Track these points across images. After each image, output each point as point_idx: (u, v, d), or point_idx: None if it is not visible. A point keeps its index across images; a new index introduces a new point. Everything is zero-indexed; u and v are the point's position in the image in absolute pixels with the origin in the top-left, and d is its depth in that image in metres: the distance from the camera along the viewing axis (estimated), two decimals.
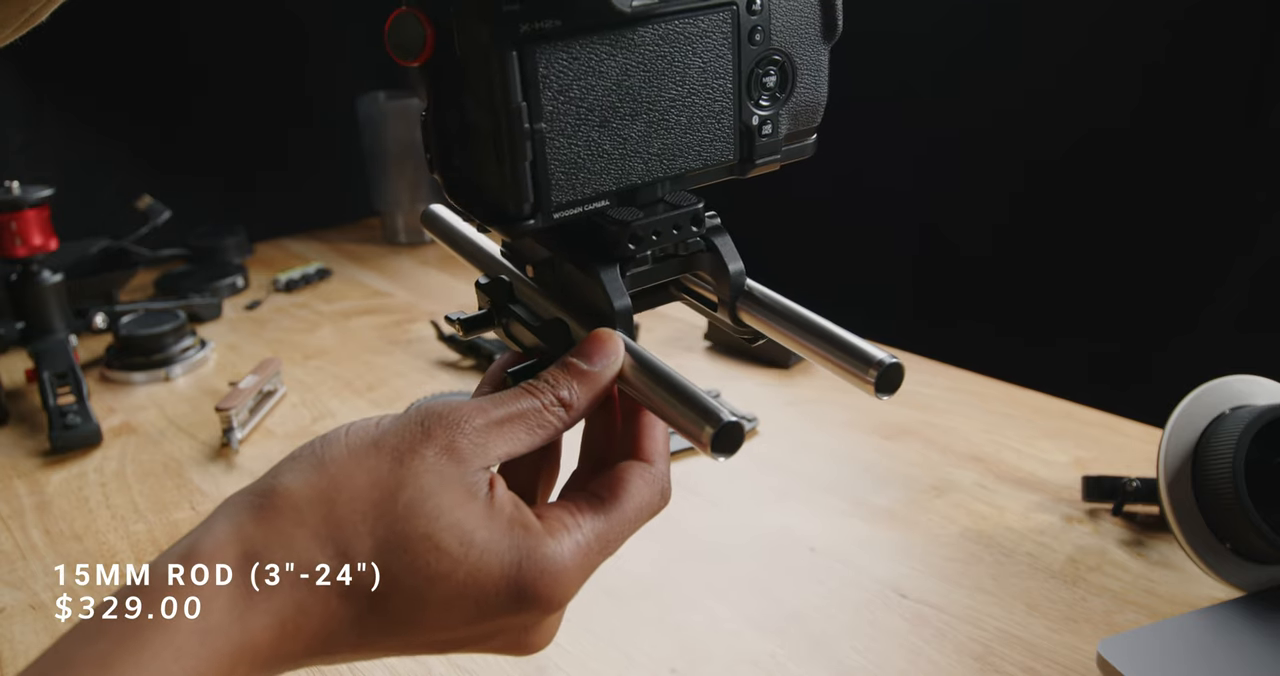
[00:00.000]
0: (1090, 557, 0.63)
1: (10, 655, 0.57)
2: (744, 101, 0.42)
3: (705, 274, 0.45)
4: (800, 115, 0.44)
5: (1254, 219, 0.94)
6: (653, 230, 0.41)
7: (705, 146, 0.42)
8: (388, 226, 1.42)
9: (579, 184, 0.39)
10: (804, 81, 0.43)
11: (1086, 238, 1.06)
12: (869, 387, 0.39)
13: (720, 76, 0.41)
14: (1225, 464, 0.56)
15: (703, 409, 0.36)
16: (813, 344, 0.43)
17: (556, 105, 0.37)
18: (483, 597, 0.32)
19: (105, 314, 0.99)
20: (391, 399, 0.90)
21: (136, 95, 1.27)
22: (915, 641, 0.56)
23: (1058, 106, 1.05)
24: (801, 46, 0.43)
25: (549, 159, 0.38)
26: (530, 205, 0.38)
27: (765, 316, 0.44)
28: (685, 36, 0.39)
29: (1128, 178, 1.02)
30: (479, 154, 0.38)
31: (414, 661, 0.55)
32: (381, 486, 0.32)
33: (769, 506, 0.70)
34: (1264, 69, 0.91)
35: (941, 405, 0.86)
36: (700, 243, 0.44)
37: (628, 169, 0.40)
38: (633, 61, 0.38)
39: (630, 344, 0.40)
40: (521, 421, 0.36)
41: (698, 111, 0.41)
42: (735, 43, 0.41)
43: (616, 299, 0.41)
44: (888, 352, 0.39)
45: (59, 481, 0.77)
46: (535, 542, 0.33)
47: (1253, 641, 0.53)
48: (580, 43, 0.37)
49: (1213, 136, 0.96)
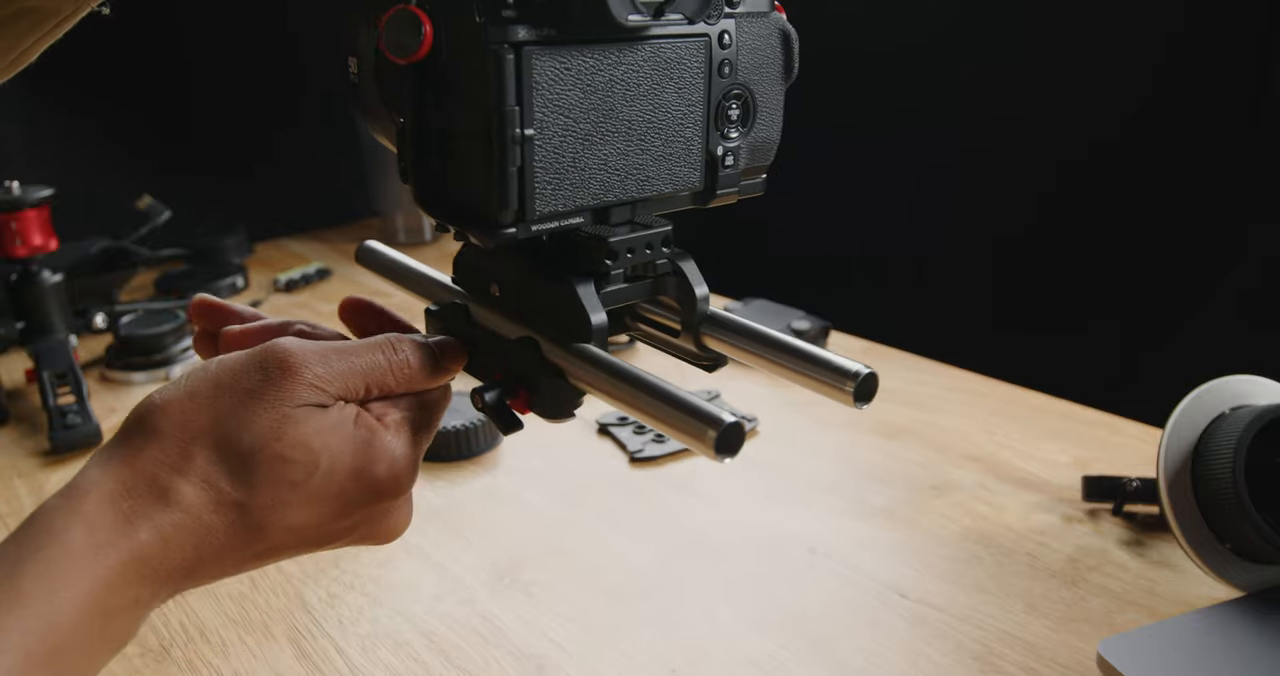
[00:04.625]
0: (1090, 557, 0.63)
1: None
2: (711, 131, 0.43)
3: (669, 299, 0.46)
4: (757, 151, 0.46)
5: (1253, 219, 0.94)
6: (627, 247, 0.42)
7: (675, 172, 0.43)
8: (388, 226, 1.42)
9: (560, 196, 0.39)
10: (763, 117, 0.45)
11: (1086, 238, 1.06)
12: (848, 398, 0.40)
13: (693, 104, 0.42)
14: (1225, 464, 0.56)
15: (702, 414, 0.36)
16: (784, 361, 0.43)
17: (546, 113, 0.38)
18: (340, 494, 0.38)
19: (105, 314, 0.99)
20: None
21: (136, 95, 1.27)
22: (915, 641, 0.56)
23: (1057, 115, 1.05)
24: (763, 83, 0.45)
25: (535, 167, 0.38)
26: (513, 212, 0.38)
27: (731, 339, 0.45)
28: (666, 61, 0.41)
29: (1127, 179, 1.02)
30: (463, 158, 0.38)
31: (414, 661, 0.55)
32: (227, 423, 0.37)
33: (769, 506, 0.70)
34: (1265, 69, 0.91)
35: (941, 405, 0.86)
36: (668, 265, 0.44)
37: (606, 186, 0.41)
38: (618, 78, 0.39)
39: (613, 361, 0.41)
40: (361, 376, 0.40)
41: (671, 136, 0.42)
42: (707, 73, 0.42)
43: (593, 314, 0.42)
44: (860, 362, 0.40)
45: (59, 481, 0.77)
46: (371, 436, 0.38)
47: (1253, 641, 0.53)
48: (573, 53, 0.38)
49: (1213, 137, 0.96)
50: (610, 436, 0.81)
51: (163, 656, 0.56)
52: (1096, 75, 1.02)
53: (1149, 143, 0.99)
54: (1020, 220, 1.10)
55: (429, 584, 0.63)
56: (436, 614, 0.60)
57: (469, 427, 0.77)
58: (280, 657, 0.56)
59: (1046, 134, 1.06)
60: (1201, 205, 0.98)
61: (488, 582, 0.62)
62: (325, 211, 1.49)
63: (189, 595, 0.62)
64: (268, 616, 0.60)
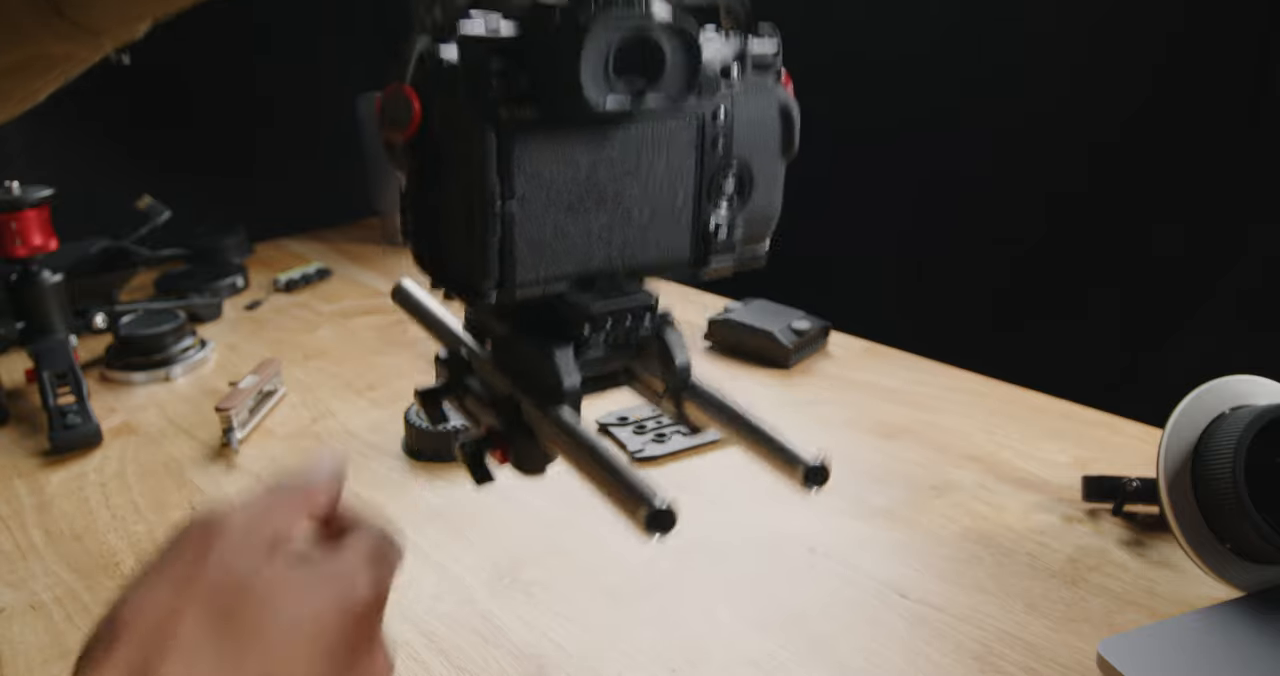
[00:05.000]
0: (1090, 557, 0.63)
1: (10, 655, 0.57)
2: (703, 204, 0.44)
3: (652, 366, 0.47)
4: (754, 223, 0.46)
5: (1253, 219, 0.94)
6: (608, 317, 0.43)
7: (664, 243, 0.43)
8: (388, 226, 1.42)
9: (542, 265, 0.40)
10: (760, 191, 0.45)
11: (1086, 238, 1.06)
12: (798, 483, 0.43)
13: (683, 178, 0.43)
14: (1225, 464, 0.56)
15: (638, 492, 0.38)
16: (749, 440, 0.45)
17: (528, 188, 0.39)
18: None
19: (105, 314, 0.99)
20: (391, 399, 0.90)
21: (136, 95, 1.27)
22: (915, 641, 0.56)
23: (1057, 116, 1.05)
24: (760, 158, 0.45)
25: (516, 238, 0.39)
26: (494, 281, 0.40)
27: (706, 411, 0.46)
28: (653, 138, 0.41)
29: (1127, 179, 1.02)
30: (451, 228, 0.40)
31: (414, 661, 0.55)
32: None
33: (769, 506, 0.70)
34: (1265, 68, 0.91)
35: (941, 405, 0.86)
36: (650, 333, 0.45)
37: (589, 256, 0.42)
38: (602, 156, 0.40)
39: (576, 429, 0.42)
40: None
41: (660, 209, 0.43)
42: (699, 148, 0.43)
43: (566, 378, 0.43)
44: (815, 454, 0.43)
45: (59, 481, 0.77)
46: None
47: (1253, 641, 0.53)
48: (555, 133, 0.39)
49: (1213, 137, 0.96)
50: (610, 436, 0.81)
51: None
52: (1096, 75, 1.02)
53: (1149, 143, 0.99)
54: (1021, 220, 1.10)
55: (429, 584, 0.63)
56: (436, 614, 0.60)
57: (469, 427, 0.77)
58: None
59: (1047, 134, 1.06)
60: (1202, 205, 0.98)
61: (488, 582, 0.62)
62: (325, 211, 1.49)
63: None
64: None
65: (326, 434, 0.84)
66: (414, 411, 0.80)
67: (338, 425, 0.86)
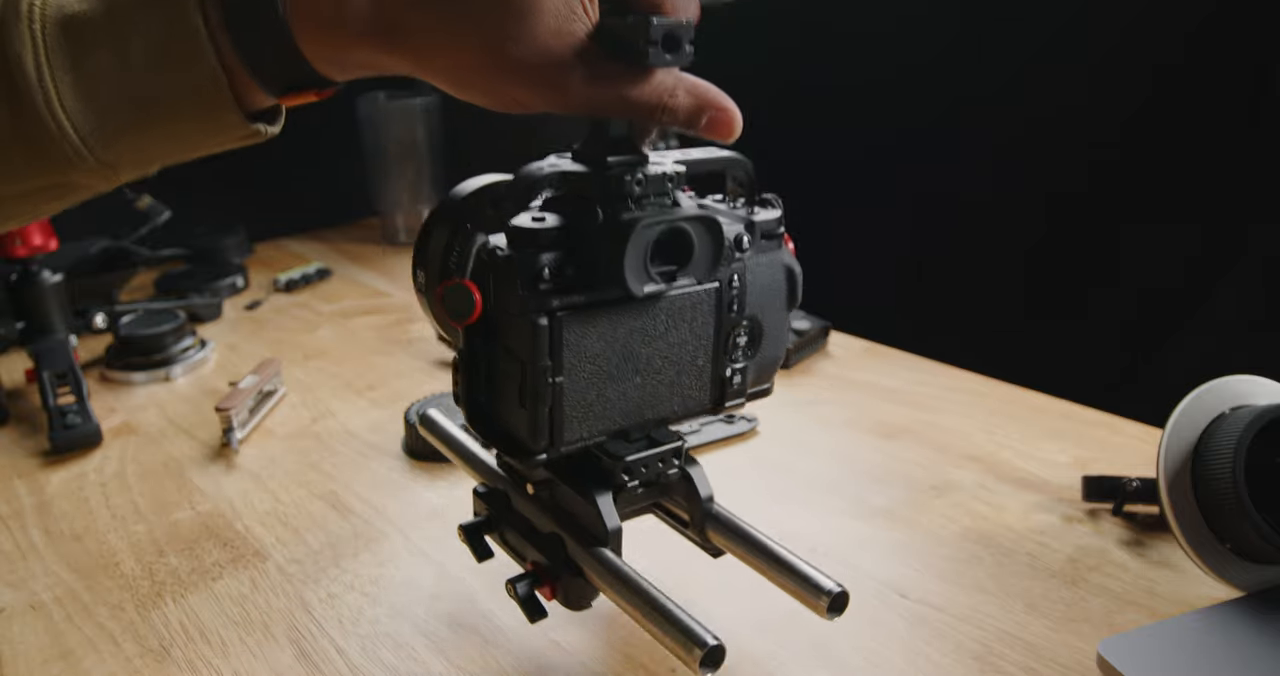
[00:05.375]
0: (1090, 557, 0.63)
1: (10, 655, 0.57)
2: (721, 358, 0.49)
3: (679, 498, 0.53)
4: (764, 368, 0.52)
5: (1254, 219, 0.94)
6: (642, 464, 0.49)
7: (687, 394, 0.49)
8: (388, 226, 1.42)
9: (585, 426, 0.46)
10: (769, 341, 0.51)
11: (1086, 238, 1.06)
12: (822, 611, 0.47)
13: (704, 339, 0.48)
14: (1225, 464, 0.56)
15: (692, 633, 0.42)
16: (770, 568, 0.50)
17: (574, 363, 0.44)
18: None
19: (105, 314, 0.99)
20: (392, 399, 0.90)
21: None
22: (915, 641, 0.56)
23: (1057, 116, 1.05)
24: (769, 314, 0.50)
25: (564, 406, 0.44)
26: (545, 444, 0.45)
27: (729, 538, 0.52)
28: (680, 309, 0.46)
29: (1128, 179, 1.02)
30: (505, 397, 0.45)
31: (414, 661, 0.55)
32: None
33: (769, 506, 0.70)
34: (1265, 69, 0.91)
35: (941, 405, 0.86)
36: (679, 473, 0.51)
37: (625, 413, 0.47)
38: (637, 328, 0.45)
39: (623, 569, 0.46)
40: None
41: (684, 366, 0.48)
42: (717, 312, 0.48)
43: (610, 521, 0.48)
44: (834, 581, 0.47)
45: (59, 481, 0.77)
46: None
47: (1253, 641, 0.53)
48: (597, 315, 0.44)
49: (1213, 137, 0.96)
50: None
51: (163, 656, 0.56)
52: (1096, 76, 1.02)
53: (1149, 143, 0.99)
54: (1021, 220, 1.10)
55: (429, 584, 0.63)
56: (436, 614, 0.60)
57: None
58: (280, 657, 0.56)
59: (1047, 135, 1.06)
60: (1202, 205, 0.98)
61: (488, 583, 0.62)
62: (325, 211, 1.49)
63: (189, 595, 0.62)
64: (268, 616, 0.60)
65: (326, 434, 0.84)
66: (414, 411, 0.80)
67: (338, 425, 0.86)
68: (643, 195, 0.43)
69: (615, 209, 0.42)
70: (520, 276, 0.41)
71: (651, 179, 0.43)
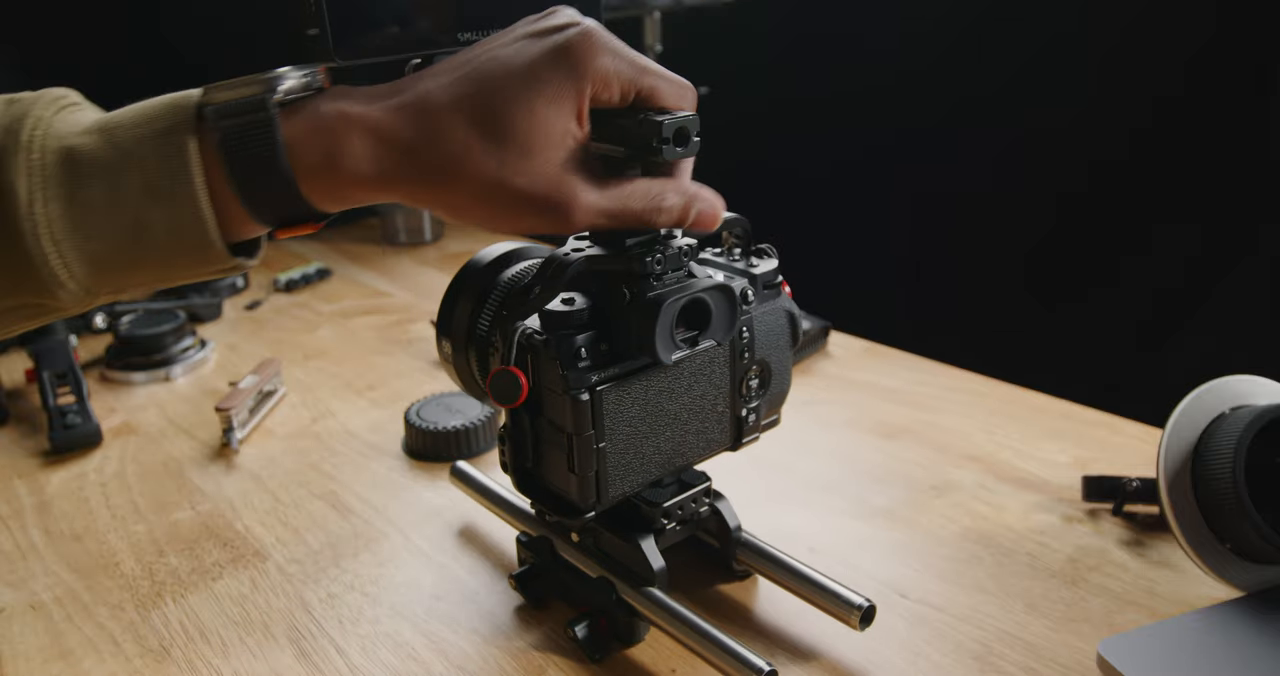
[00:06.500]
0: (1090, 557, 0.63)
1: (10, 655, 0.57)
2: (737, 400, 0.54)
3: (710, 528, 0.59)
4: (773, 402, 0.57)
5: (1254, 219, 0.94)
6: (678, 507, 0.55)
7: (709, 437, 0.54)
8: (387, 226, 1.42)
9: (627, 482, 0.50)
10: (776, 378, 0.56)
11: (1087, 238, 1.06)
12: (855, 624, 0.52)
13: (721, 387, 0.53)
14: (1225, 464, 0.56)
15: (747, 661, 0.48)
16: (801, 587, 0.55)
17: (614, 427, 0.48)
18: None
19: (105, 314, 0.99)
20: (392, 399, 0.90)
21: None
22: (915, 641, 0.56)
23: (1059, 117, 1.05)
24: (775, 355, 0.55)
25: (608, 467, 0.49)
26: (593, 501, 0.49)
27: (757, 562, 0.58)
28: (700, 365, 0.51)
29: (1128, 179, 1.02)
30: (552, 464, 0.49)
31: (414, 661, 0.55)
32: None
33: (769, 506, 0.70)
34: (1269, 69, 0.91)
35: (941, 405, 0.86)
36: (709, 508, 0.57)
37: (659, 465, 0.51)
38: (665, 389, 0.50)
39: (672, 605, 0.52)
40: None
41: (707, 414, 0.53)
42: (731, 361, 0.53)
43: (655, 563, 0.53)
44: (862, 596, 0.52)
45: (59, 481, 0.77)
46: None
47: (1253, 641, 0.53)
48: (632, 383, 0.48)
49: (1217, 138, 0.96)
50: None
51: (163, 656, 0.56)
52: (1097, 78, 1.02)
53: (1149, 144, 0.99)
54: (1021, 221, 1.10)
55: (429, 584, 0.63)
56: (436, 614, 0.60)
57: (469, 428, 0.77)
58: (280, 657, 0.56)
59: (1048, 135, 1.06)
60: (1202, 206, 0.98)
61: (488, 582, 0.62)
62: None
63: (189, 595, 0.62)
64: (268, 616, 0.60)
65: (326, 434, 0.84)
66: (414, 411, 0.80)
67: (338, 425, 0.86)
68: (663, 272, 0.47)
69: (640, 287, 0.46)
70: (560, 357, 0.45)
71: (670, 257, 0.47)
